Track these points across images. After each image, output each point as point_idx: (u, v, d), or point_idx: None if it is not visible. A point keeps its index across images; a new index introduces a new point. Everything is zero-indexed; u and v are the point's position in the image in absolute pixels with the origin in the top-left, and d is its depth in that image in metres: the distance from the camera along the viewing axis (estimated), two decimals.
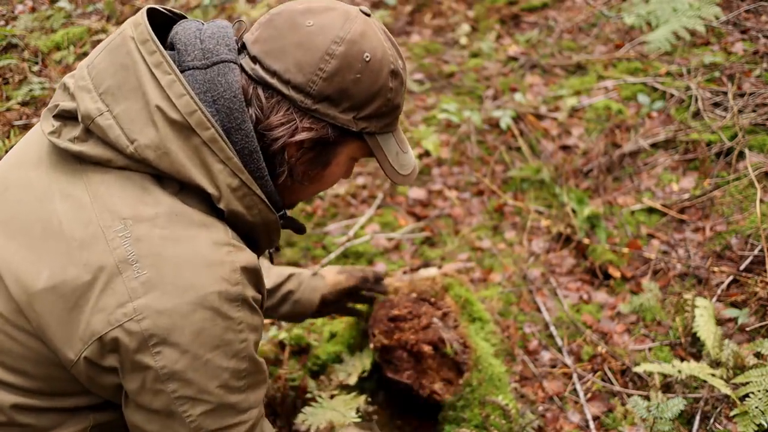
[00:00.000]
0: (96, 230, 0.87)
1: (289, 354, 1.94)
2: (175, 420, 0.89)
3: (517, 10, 3.88)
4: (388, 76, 1.01)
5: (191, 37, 0.96)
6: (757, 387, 1.51)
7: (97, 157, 0.89)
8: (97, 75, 0.91)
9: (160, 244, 0.86)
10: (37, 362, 0.91)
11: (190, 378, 0.87)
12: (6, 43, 3.30)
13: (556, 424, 1.80)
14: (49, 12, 3.69)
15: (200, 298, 0.85)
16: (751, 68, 2.82)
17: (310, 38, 0.95)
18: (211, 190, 0.90)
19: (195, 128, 0.88)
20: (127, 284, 0.84)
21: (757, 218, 2.01)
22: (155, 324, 0.84)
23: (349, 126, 1.00)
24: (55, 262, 0.87)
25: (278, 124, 0.96)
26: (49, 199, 0.91)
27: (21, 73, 3.15)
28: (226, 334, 0.88)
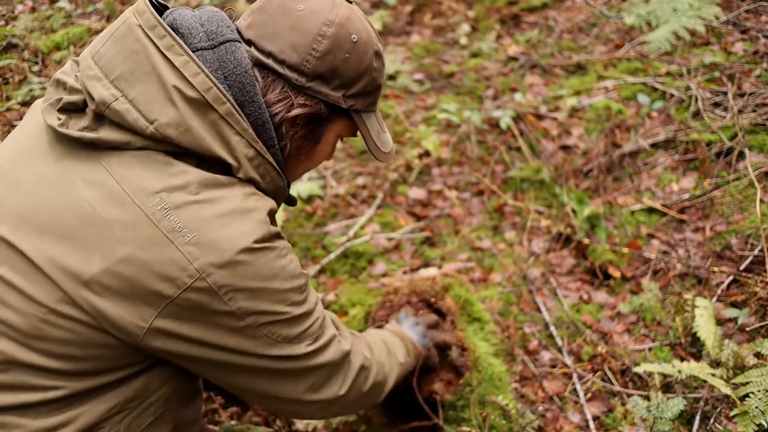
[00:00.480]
0: (134, 209, 0.90)
1: None
2: (261, 341, 0.99)
3: (517, 10, 3.88)
4: (373, 57, 1.11)
5: (192, 21, 1.01)
6: (757, 387, 1.51)
7: (115, 141, 0.93)
8: (106, 63, 0.95)
9: (198, 207, 0.92)
10: (83, 345, 0.94)
11: (265, 308, 0.96)
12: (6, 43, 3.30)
13: (556, 424, 1.80)
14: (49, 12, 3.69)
15: (248, 243, 0.92)
16: (751, 68, 2.82)
17: (303, 21, 1.02)
18: (230, 160, 0.97)
19: (212, 104, 0.94)
20: (183, 250, 0.90)
21: (757, 218, 2.01)
22: (221, 277, 0.91)
23: (339, 103, 1.08)
24: (104, 246, 0.90)
25: (276, 100, 1.03)
26: (72, 188, 0.94)
27: (21, 73, 3.15)
28: (278, 261, 0.97)
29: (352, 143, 3.06)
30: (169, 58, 0.93)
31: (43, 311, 0.92)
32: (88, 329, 0.93)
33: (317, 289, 2.31)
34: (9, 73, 3.15)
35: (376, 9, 4.11)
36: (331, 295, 2.21)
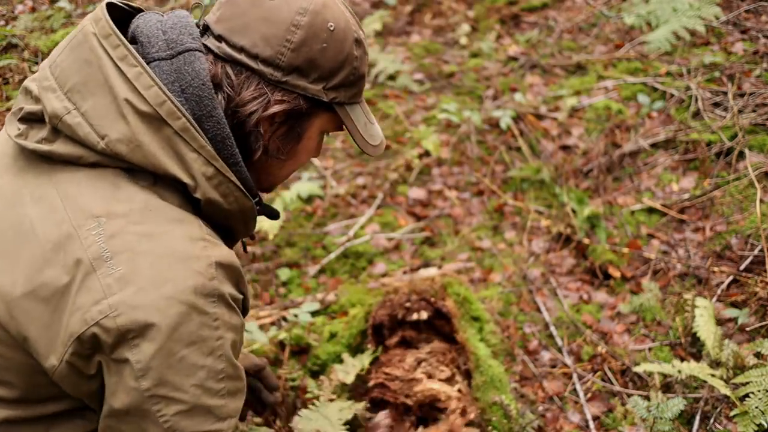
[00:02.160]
0: (69, 230, 0.86)
1: (289, 354, 1.94)
2: (149, 420, 0.87)
3: (517, 10, 3.88)
4: (353, 45, 1.02)
5: (153, 29, 0.95)
6: (757, 387, 1.51)
7: (67, 155, 0.89)
8: (60, 73, 0.90)
9: (134, 240, 0.85)
10: (18, 372, 0.90)
11: (165, 375, 0.85)
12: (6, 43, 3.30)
13: (556, 424, 1.80)
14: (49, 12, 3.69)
15: (175, 293, 0.84)
16: (751, 68, 2.82)
17: (274, 12, 0.95)
18: (186, 179, 0.90)
19: (166, 118, 0.87)
20: (102, 281, 0.83)
21: (757, 218, 2.00)
22: (131, 319, 0.82)
23: (319, 96, 1.00)
24: (31, 267, 0.86)
25: (250, 98, 0.96)
26: (20, 204, 0.90)
27: (21, 73, 3.15)
28: (202, 330, 0.86)
29: (352, 143, 3.06)
30: (122, 69, 0.87)
31: None
32: (15, 352, 0.88)
33: (316, 289, 2.31)
34: (9, 73, 3.15)
35: (376, 9, 4.11)
36: (331, 296, 2.21)
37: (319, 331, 2.06)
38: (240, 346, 0.97)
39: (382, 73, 3.42)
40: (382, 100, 3.30)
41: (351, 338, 1.95)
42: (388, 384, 1.67)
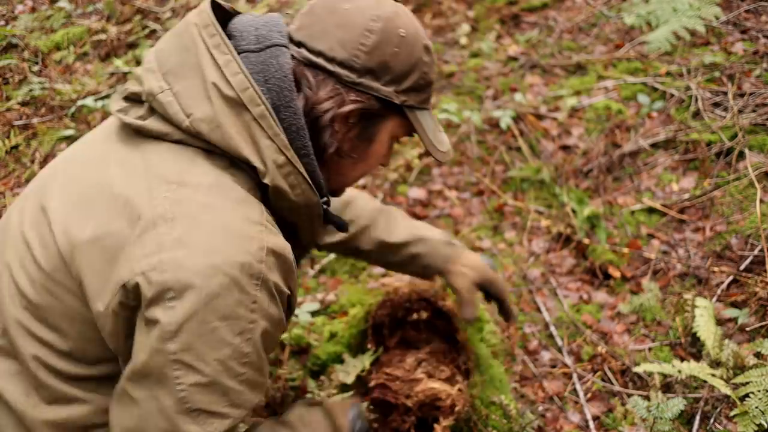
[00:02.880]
0: (142, 189, 0.93)
1: (289, 354, 1.94)
2: (165, 386, 0.89)
3: (517, 10, 3.88)
4: (423, 51, 1.08)
5: (247, 26, 1.04)
6: (757, 387, 1.51)
7: (156, 131, 0.97)
8: (161, 57, 1.00)
9: (197, 208, 0.91)
10: (72, 320, 0.95)
11: (193, 342, 0.87)
12: (6, 43, 3.30)
13: (556, 424, 1.80)
14: (49, 12, 3.69)
15: (222, 264, 0.87)
16: (751, 68, 2.82)
17: (350, 18, 1.03)
18: (257, 164, 0.96)
19: (247, 104, 0.94)
20: (158, 238, 0.88)
21: (757, 218, 2.01)
22: (175, 278, 0.86)
23: (391, 98, 1.06)
24: (101, 218, 0.93)
25: (326, 97, 1.02)
26: (105, 166, 0.99)
27: (21, 73, 3.15)
28: (238, 307, 0.89)
29: None
30: (214, 55, 0.95)
31: (45, 278, 0.95)
32: (74, 299, 0.94)
33: (316, 289, 2.31)
34: (9, 73, 3.15)
35: None
36: (331, 295, 2.21)
37: (319, 331, 2.06)
38: (273, 341, 0.99)
39: None
40: None
41: (351, 338, 1.95)
42: (389, 384, 1.67)
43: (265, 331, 0.94)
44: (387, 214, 1.61)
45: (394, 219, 1.62)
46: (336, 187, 1.18)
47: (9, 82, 3.09)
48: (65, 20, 3.63)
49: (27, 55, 3.29)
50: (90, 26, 3.56)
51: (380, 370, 1.73)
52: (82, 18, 3.72)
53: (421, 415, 1.65)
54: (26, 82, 3.12)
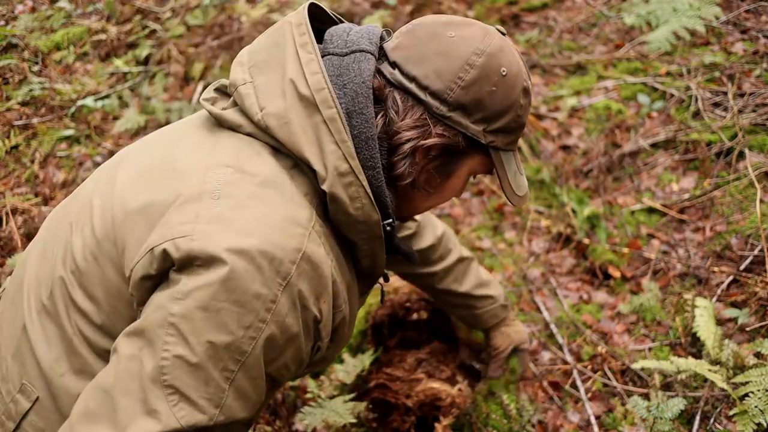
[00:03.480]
0: (200, 167, 0.93)
1: None
2: (152, 348, 0.85)
3: (517, 10, 3.88)
4: (521, 93, 1.03)
5: (341, 31, 1.04)
6: (757, 386, 1.51)
7: (231, 121, 0.98)
8: (253, 52, 1.01)
9: (246, 194, 0.89)
10: (108, 292, 0.96)
11: (194, 312, 0.85)
12: (6, 43, 3.30)
13: (556, 424, 1.80)
14: (49, 12, 3.69)
15: (254, 249, 0.85)
16: (751, 68, 2.82)
17: (452, 48, 0.98)
18: (317, 167, 0.93)
19: (319, 105, 0.92)
20: (199, 210, 0.88)
21: (757, 218, 2.01)
22: (204, 249, 0.84)
23: (478, 137, 1.01)
24: (154, 188, 0.94)
25: (412, 125, 0.98)
26: (179, 145, 1.01)
27: (21, 73, 3.15)
28: (254, 301, 0.86)
29: None
30: (299, 53, 0.95)
31: (94, 243, 0.96)
32: (114, 271, 0.95)
33: None
34: (9, 73, 3.16)
35: (376, 9, 4.11)
36: None
37: None
38: (278, 358, 0.92)
39: None
40: None
41: (351, 338, 1.95)
42: (389, 384, 1.67)
43: (273, 338, 0.89)
44: (466, 264, 1.64)
45: (469, 269, 1.65)
46: (405, 214, 1.15)
47: (9, 82, 3.09)
48: (65, 20, 3.63)
49: (27, 55, 3.29)
50: (90, 26, 3.56)
51: (380, 370, 1.73)
52: (82, 18, 3.72)
53: (421, 414, 1.65)
54: (26, 82, 3.12)
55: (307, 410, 1.58)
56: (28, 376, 1.01)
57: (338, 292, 0.99)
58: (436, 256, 1.56)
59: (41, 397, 1.00)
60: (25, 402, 1.00)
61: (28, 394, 1.00)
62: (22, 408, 1.00)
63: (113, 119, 3.12)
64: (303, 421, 1.54)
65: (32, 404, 1.00)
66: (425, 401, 1.64)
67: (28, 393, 1.00)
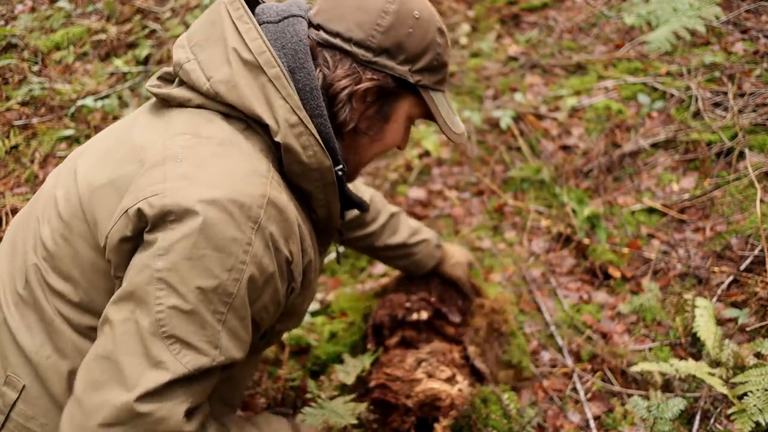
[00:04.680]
0: (158, 139, 1.00)
1: (289, 354, 1.94)
2: (145, 306, 0.89)
3: (517, 10, 3.88)
4: (436, 33, 1.14)
5: (269, 5, 1.13)
6: (756, 386, 1.51)
7: (179, 97, 1.04)
8: (191, 34, 1.09)
9: (207, 154, 0.96)
10: (83, 269, 1.00)
11: (180, 264, 0.89)
12: (6, 43, 3.30)
13: (556, 424, 1.80)
14: (49, 12, 3.69)
15: (223, 198, 0.91)
16: (751, 68, 2.82)
17: (366, 1, 1.09)
18: (269, 122, 1.00)
19: (263, 66, 1.00)
20: (165, 171, 0.93)
21: (757, 218, 2.00)
22: (176, 202, 0.90)
23: (406, 77, 1.11)
24: (118, 164, 1.00)
25: (344, 75, 1.08)
26: (132, 127, 1.07)
27: (21, 73, 3.15)
28: (233, 244, 0.91)
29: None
30: (237, 25, 1.02)
31: (63, 227, 1.01)
32: (87, 247, 0.99)
33: (317, 289, 2.31)
34: (9, 72, 3.15)
35: None
36: (330, 296, 2.21)
37: (319, 331, 2.06)
38: (260, 296, 0.99)
39: None
40: None
41: (351, 338, 1.95)
42: (389, 384, 1.67)
43: (254, 279, 0.94)
44: (397, 218, 1.79)
45: (400, 222, 1.79)
46: (352, 165, 1.21)
47: (9, 82, 3.09)
48: (65, 20, 3.63)
49: (27, 55, 3.29)
50: (90, 26, 3.56)
51: (380, 370, 1.73)
52: (81, 18, 3.72)
53: (421, 415, 1.65)
54: (26, 82, 3.12)
55: (307, 411, 1.58)
56: (12, 367, 1.04)
57: (303, 235, 1.06)
58: (370, 218, 1.71)
59: (27, 384, 1.03)
60: (12, 393, 1.03)
61: (14, 384, 1.03)
62: (10, 399, 1.03)
63: (113, 119, 3.12)
64: (303, 421, 1.53)
65: (19, 393, 1.03)
66: (425, 401, 1.64)
67: (13, 384, 1.03)
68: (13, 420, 1.03)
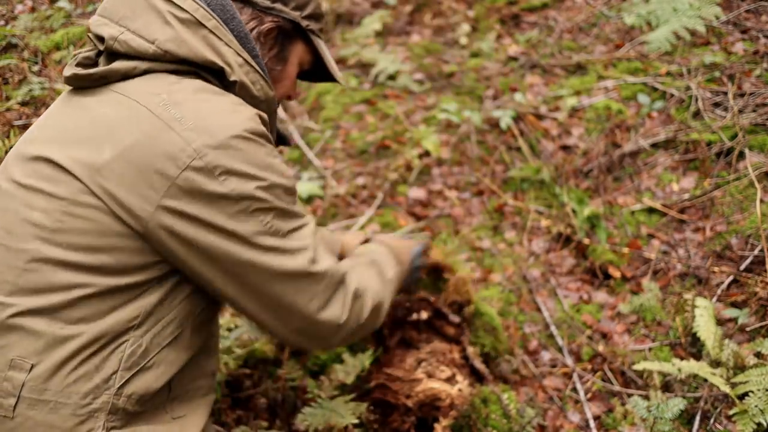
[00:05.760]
0: (139, 107, 1.04)
1: (289, 354, 1.94)
2: (255, 228, 1.06)
3: (517, 10, 3.88)
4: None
5: None
6: (757, 386, 1.51)
7: (123, 69, 1.09)
8: (109, 11, 1.14)
9: (194, 103, 1.05)
10: (101, 234, 1.03)
11: (256, 194, 1.05)
12: (6, 43, 3.30)
13: (556, 424, 1.80)
14: (49, 12, 3.69)
15: (239, 132, 1.04)
16: (751, 68, 2.82)
17: None
18: (223, 65, 1.12)
19: (201, 20, 1.10)
20: (182, 135, 1.01)
21: (757, 218, 2.01)
22: (215, 157, 1.01)
23: (298, 21, 1.27)
24: (114, 138, 1.03)
25: (249, 20, 1.22)
26: (88, 110, 1.09)
27: (21, 73, 3.15)
28: (268, 157, 1.08)
29: (352, 143, 3.06)
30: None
31: (64, 204, 1.03)
32: (103, 215, 1.03)
33: None
34: (9, 72, 3.15)
35: (376, 9, 4.11)
36: None
37: None
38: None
39: (382, 73, 3.42)
40: (382, 100, 3.30)
41: None
42: (389, 384, 1.67)
43: (289, 170, 1.16)
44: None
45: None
46: None
47: (9, 82, 3.09)
48: (65, 20, 3.63)
49: (27, 55, 3.29)
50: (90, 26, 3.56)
51: (380, 370, 1.73)
52: (81, 18, 3.72)
53: (421, 415, 1.65)
54: (26, 82, 3.12)
55: (307, 411, 1.58)
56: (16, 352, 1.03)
57: None
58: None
59: (36, 363, 1.02)
60: (20, 374, 1.02)
61: (21, 366, 1.02)
62: (18, 381, 1.01)
63: None
64: (304, 421, 1.53)
65: (29, 372, 1.02)
66: (425, 401, 1.64)
67: (20, 366, 1.02)
68: (26, 398, 1.01)
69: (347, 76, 3.51)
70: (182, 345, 1.12)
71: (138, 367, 1.05)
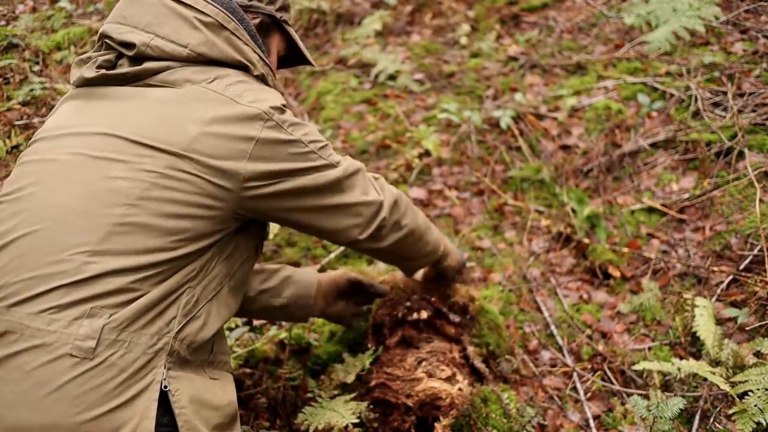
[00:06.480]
0: (200, 89, 1.18)
1: (289, 353, 1.94)
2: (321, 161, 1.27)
3: (517, 10, 3.88)
4: None
5: None
6: (756, 385, 1.51)
7: (156, 67, 1.19)
8: (131, 20, 1.23)
9: (244, 84, 1.21)
10: (193, 194, 1.15)
11: (314, 137, 1.27)
12: (7, 43, 3.30)
13: (556, 424, 1.81)
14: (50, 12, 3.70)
15: (282, 103, 1.23)
16: (750, 68, 2.82)
17: None
18: (247, 63, 1.26)
19: (223, 23, 1.24)
20: (248, 105, 1.18)
21: (757, 218, 2.01)
22: (279, 117, 1.21)
23: (273, 14, 1.40)
24: (192, 118, 1.15)
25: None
26: (141, 101, 1.19)
27: (22, 73, 3.15)
28: (299, 120, 1.26)
29: (352, 142, 3.06)
30: (181, 1, 1.22)
31: (152, 176, 1.13)
32: (199, 179, 1.15)
33: None
34: (9, 73, 3.16)
35: (376, 9, 4.11)
36: None
37: (319, 331, 2.06)
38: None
39: (383, 73, 3.42)
40: (382, 100, 3.30)
41: (351, 337, 1.95)
42: (390, 384, 1.68)
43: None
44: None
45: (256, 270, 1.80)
46: None
47: (10, 82, 3.10)
48: (66, 20, 3.63)
49: (28, 55, 3.29)
50: (90, 26, 3.56)
51: (380, 369, 1.74)
52: (82, 18, 3.73)
53: (421, 414, 1.65)
54: (27, 82, 3.12)
55: (308, 410, 1.58)
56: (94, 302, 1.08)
57: None
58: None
59: (113, 314, 1.08)
60: (99, 320, 1.07)
61: (100, 315, 1.07)
62: (98, 325, 1.07)
63: None
64: (304, 421, 1.54)
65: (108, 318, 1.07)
66: (425, 401, 1.64)
67: (98, 314, 1.07)
68: (105, 338, 1.07)
69: (348, 76, 3.51)
70: (222, 302, 1.26)
71: (191, 315, 1.18)
